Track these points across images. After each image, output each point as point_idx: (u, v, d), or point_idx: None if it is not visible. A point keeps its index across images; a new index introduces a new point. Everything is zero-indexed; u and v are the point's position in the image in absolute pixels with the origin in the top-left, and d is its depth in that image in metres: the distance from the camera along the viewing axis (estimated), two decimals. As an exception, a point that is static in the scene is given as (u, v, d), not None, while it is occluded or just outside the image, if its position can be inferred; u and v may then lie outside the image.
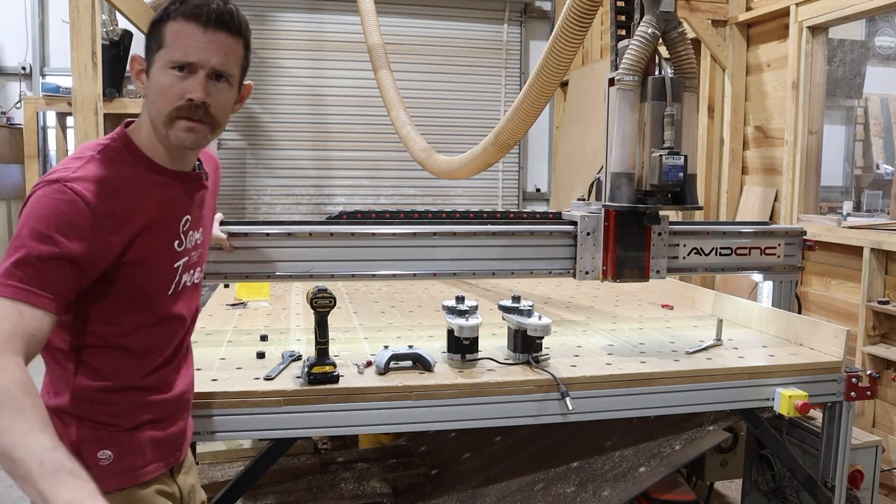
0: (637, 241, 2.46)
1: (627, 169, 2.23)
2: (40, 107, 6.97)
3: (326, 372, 1.95)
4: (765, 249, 2.79)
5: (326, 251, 2.40)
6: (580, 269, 2.51)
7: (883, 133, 7.24)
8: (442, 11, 8.36)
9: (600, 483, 2.51)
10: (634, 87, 2.19)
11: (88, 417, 1.49)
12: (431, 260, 2.49)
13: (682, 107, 2.20)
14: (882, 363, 4.06)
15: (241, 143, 8.11)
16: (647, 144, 2.22)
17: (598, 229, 2.48)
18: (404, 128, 5.66)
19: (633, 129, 2.22)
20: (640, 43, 2.17)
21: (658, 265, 2.53)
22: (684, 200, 2.23)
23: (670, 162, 2.13)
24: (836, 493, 2.33)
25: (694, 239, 2.67)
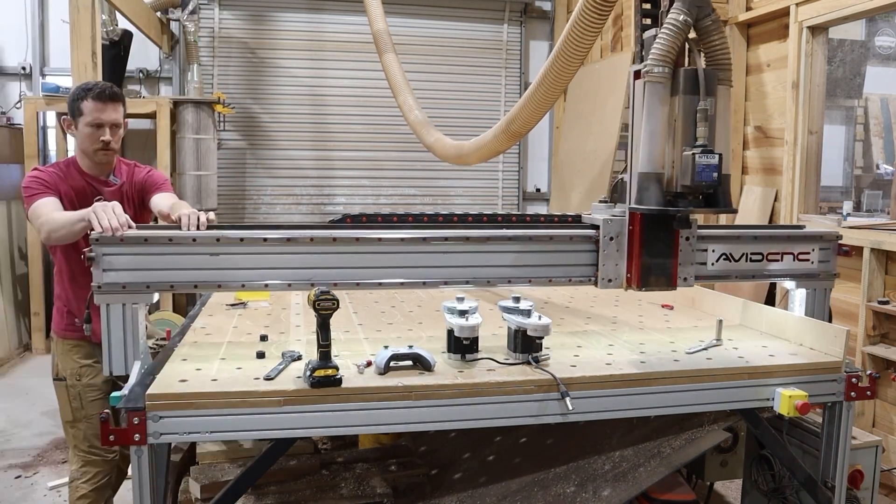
0: (664, 246, 2.26)
1: (656, 169, 2.03)
2: (40, 107, 6.97)
3: (329, 375, 1.95)
4: (798, 255, 2.60)
5: (329, 258, 2.23)
6: (602, 277, 2.33)
7: (883, 133, 7.25)
8: (442, 11, 8.37)
9: (600, 483, 2.51)
10: (664, 80, 2.00)
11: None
12: (442, 267, 2.30)
13: (715, 101, 2.00)
14: (882, 363, 4.06)
15: (241, 143, 8.11)
16: (678, 142, 2.02)
17: (622, 234, 2.29)
18: (412, 112, 5.54)
19: (663, 126, 2.02)
20: (670, 31, 1.98)
21: (686, 272, 2.34)
22: (717, 203, 2.04)
23: (704, 161, 1.94)
24: (836, 493, 2.33)
25: (723, 244, 2.48)
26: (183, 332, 2.60)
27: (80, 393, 2.97)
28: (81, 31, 4.71)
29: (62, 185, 2.83)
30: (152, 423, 1.87)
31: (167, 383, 1.97)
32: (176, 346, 2.39)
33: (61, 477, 4.18)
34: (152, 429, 1.87)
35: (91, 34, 4.73)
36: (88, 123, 2.79)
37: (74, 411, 2.98)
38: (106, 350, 2.15)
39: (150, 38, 7.21)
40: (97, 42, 4.81)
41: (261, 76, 8.08)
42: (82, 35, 4.71)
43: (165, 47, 7.72)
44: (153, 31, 7.19)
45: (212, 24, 7.86)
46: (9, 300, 6.93)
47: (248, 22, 8.04)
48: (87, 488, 3.00)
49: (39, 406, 5.42)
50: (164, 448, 1.99)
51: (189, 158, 7.04)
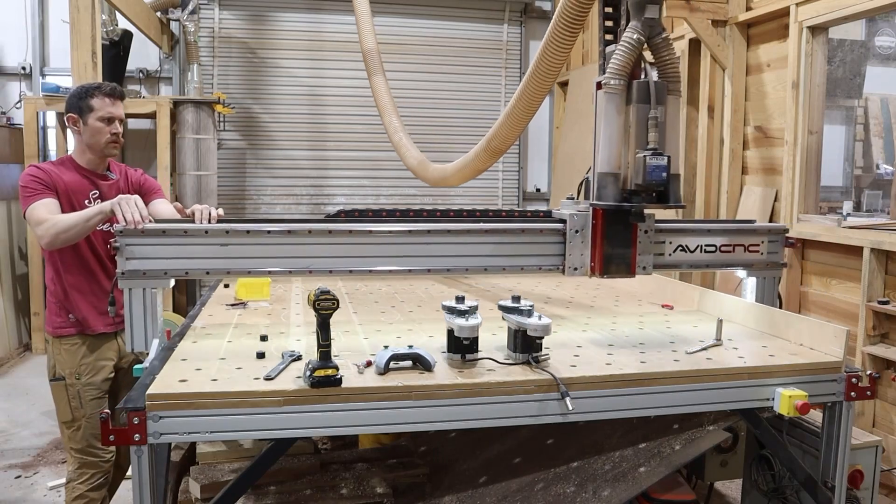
0: (623, 238, 2.52)
1: (613, 169, 2.29)
2: (40, 107, 6.97)
3: (329, 375, 1.95)
4: (748, 247, 2.87)
5: (325, 248, 2.50)
6: (569, 266, 2.59)
7: (883, 133, 7.25)
8: (442, 11, 8.37)
9: (600, 483, 2.51)
10: (620, 91, 2.25)
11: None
12: (426, 256, 2.57)
13: (665, 109, 2.26)
14: (882, 363, 4.07)
15: (241, 143, 8.11)
16: (632, 146, 2.27)
17: (586, 227, 2.55)
18: (396, 134, 5.70)
19: (619, 131, 2.27)
20: (625, 48, 2.24)
21: (644, 262, 2.60)
22: (668, 199, 2.28)
23: (654, 162, 2.19)
24: (836, 493, 2.33)
25: (679, 236, 2.75)
26: (183, 332, 2.60)
27: (79, 392, 2.97)
28: (81, 31, 4.71)
29: (58, 179, 2.92)
30: (152, 423, 1.87)
31: (167, 383, 1.97)
32: (176, 346, 2.39)
33: (61, 477, 4.18)
34: (152, 429, 1.87)
35: (91, 34, 4.72)
36: (100, 118, 2.96)
37: (74, 410, 2.98)
38: (128, 329, 2.42)
39: (150, 38, 7.21)
40: (97, 42, 4.81)
41: (261, 76, 8.08)
42: (82, 35, 4.71)
43: (165, 47, 7.72)
44: (153, 31, 7.19)
45: (212, 24, 7.86)
46: (9, 300, 6.93)
47: (248, 22, 8.05)
48: (83, 489, 3.00)
49: (39, 406, 5.42)
50: (164, 448, 1.99)
51: (189, 158, 7.04)
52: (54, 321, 3.02)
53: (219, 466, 3.04)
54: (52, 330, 3.02)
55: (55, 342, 3.01)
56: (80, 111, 2.97)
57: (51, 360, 3.03)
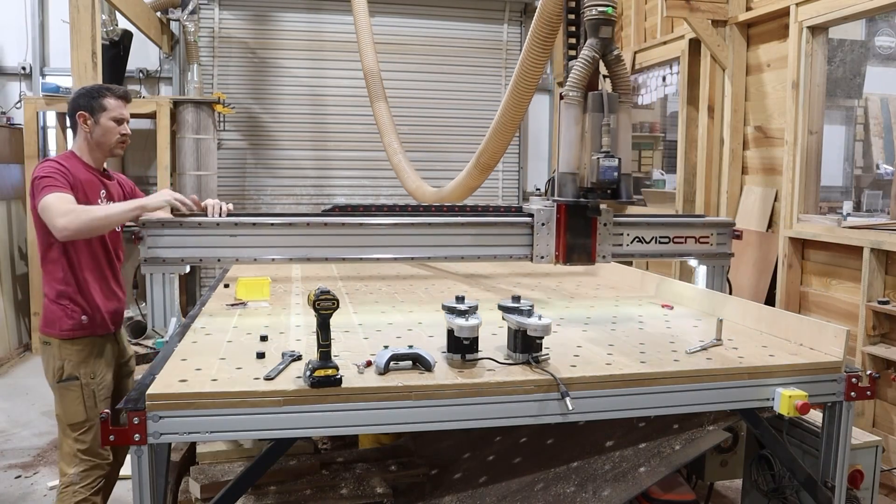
0: (584, 230, 2.85)
1: (572, 169, 2.58)
2: (40, 107, 6.97)
3: (329, 375, 1.95)
4: (699, 238, 3.21)
5: (321, 239, 2.90)
6: (536, 254, 2.94)
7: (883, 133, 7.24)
8: (442, 11, 8.37)
9: (600, 483, 2.51)
10: (578, 102, 2.55)
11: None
12: (410, 246, 2.97)
13: (617, 117, 2.55)
14: (882, 363, 4.07)
15: (242, 143, 8.11)
16: (587, 149, 2.56)
17: (551, 220, 2.88)
18: (396, 156, 5.95)
19: (577, 137, 2.57)
20: (582, 64, 2.53)
21: (604, 251, 2.99)
22: (619, 195, 2.55)
23: (606, 163, 2.48)
24: (836, 493, 2.33)
25: (636, 229, 3.10)
26: (183, 332, 2.60)
27: (94, 391, 2.95)
28: (81, 31, 4.71)
29: (76, 175, 2.94)
30: (152, 423, 1.87)
31: (167, 383, 1.97)
32: (176, 346, 2.39)
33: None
34: (152, 429, 1.87)
35: (91, 34, 4.73)
36: (113, 118, 3.02)
37: (88, 410, 2.92)
38: (150, 310, 2.86)
39: (150, 38, 7.21)
40: (97, 42, 4.81)
41: (261, 76, 8.08)
42: (82, 35, 4.71)
43: (165, 47, 7.72)
44: (153, 31, 7.19)
45: (212, 24, 7.86)
46: (9, 300, 6.93)
47: (248, 22, 8.05)
48: (86, 493, 2.92)
49: (39, 406, 5.42)
50: (164, 448, 1.99)
51: (189, 158, 7.04)
52: (64, 323, 2.93)
53: (219, 466, 3.04)
54: (60, 332, 2.93)
55: (63, 344, 2.93)
56: (91, 110, 3.00)
57: (55, 362, 2.94)
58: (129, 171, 7.87)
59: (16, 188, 7.16)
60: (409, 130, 8.35)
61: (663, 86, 6.79)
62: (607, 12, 2.51)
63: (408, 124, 8.37)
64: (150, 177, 7.81)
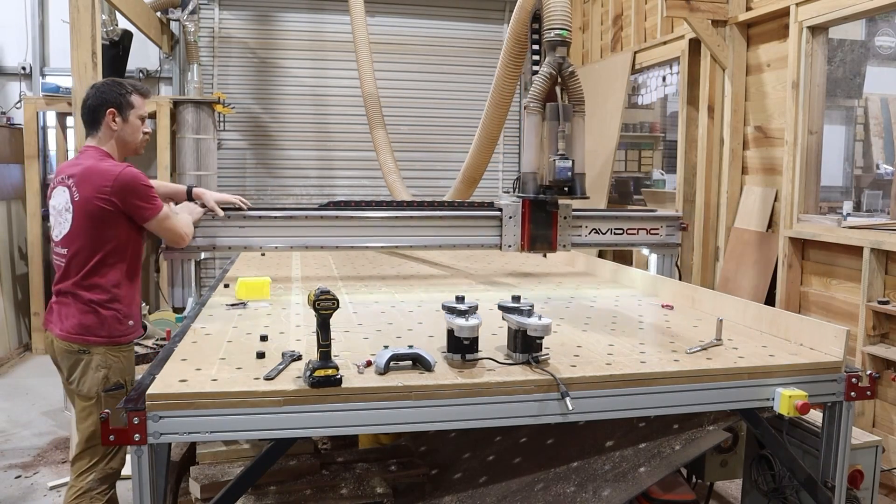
0: (546, 222, 3.30)
1: (533, 170, 2.96)
2: (40, 107, 6.97)
3: (329, 375, 1.95)
4: (650, 230, 3.65)
5: (318, 230, 3.43)
6: (504, 243, 3.43)
7: (883, 133, 7.24)
8: (442, 11, 8.37)
9: (600, 483, 2.51)
10: (538, 111, 2.92)
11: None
12: (395, 236, 3.48)
13: (572, 125, 2.91)
14: (882, 363, 4.07)
15: (242, 143, 8.12)
16: (546, 152, 2.93)
17: (517, 214, 3.36)
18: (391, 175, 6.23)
19: (538, 141, 2.95)
20: (541, 79, 2.90)
21: (564, 241, 3.44)
22: (574, 192, 2.94)
23: (561, 164, 2.86)
24: (836, 493, 2.33)
25: (593, 222, 3.57)
26: (183, 332, 2.60)
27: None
28: (81, 31, 4.70)
29: None
30: (152, 423, 1.87)
31: (167, 383, 1.97)
32: (176, 346, 2.39)
33: (61, 477, 4.18)
34: (152, 429, 1.87)
35: (91, 34, 4.72)
36: (140, 116, 3.00)
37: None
38: (169, 291, 3.42)
39: (150, 38, 7.21)
40: (97, 42, 4.80)
41: (261, 76, 8.08)
42: (82, 35, 4.70)
43: (165, 47, 7.72)
44: (153, 31, 7.19)
45: (212, 24, 7.86)
46: (9, 300, 6.93)
47: (248, 22, 8.05)
48: (102, 499, 2.85)
49: (39, 406, 5.43)
50: (164, 448, 1.99)
51: (189, 158, 7.04)
52: (115, 329, 2.84)
53: (219, 466, 3.04)
54: (108, 339, 2.83)
55: (109, 351, 2.83)
56: (120, 107, 2.89)
57: (97, 372, 2.81)
58: (129, 171, 7.88)
59: (16, 188, 7.16)
60: (409, 130, 8.36)
61: (663, 86, 6.79)
62: (562, 35, 2.87)
63: (408, 124, 8.37)
64: (150, 177, 7.80)
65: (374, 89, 6.37)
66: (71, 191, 2.78)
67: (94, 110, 2.89)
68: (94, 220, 2.74)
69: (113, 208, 2.74)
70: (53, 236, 2.88)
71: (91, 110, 2.89)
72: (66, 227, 2.79)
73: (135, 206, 2.78)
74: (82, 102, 2.95)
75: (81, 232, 2.76)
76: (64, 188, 2.81)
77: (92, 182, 2.73)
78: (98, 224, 2.75)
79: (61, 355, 2.85)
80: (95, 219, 2.74)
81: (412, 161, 8.21)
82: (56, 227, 2.86)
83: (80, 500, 2.83)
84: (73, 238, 2.78)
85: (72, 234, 2.78)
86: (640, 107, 8.24)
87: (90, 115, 2.90)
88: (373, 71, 6.39)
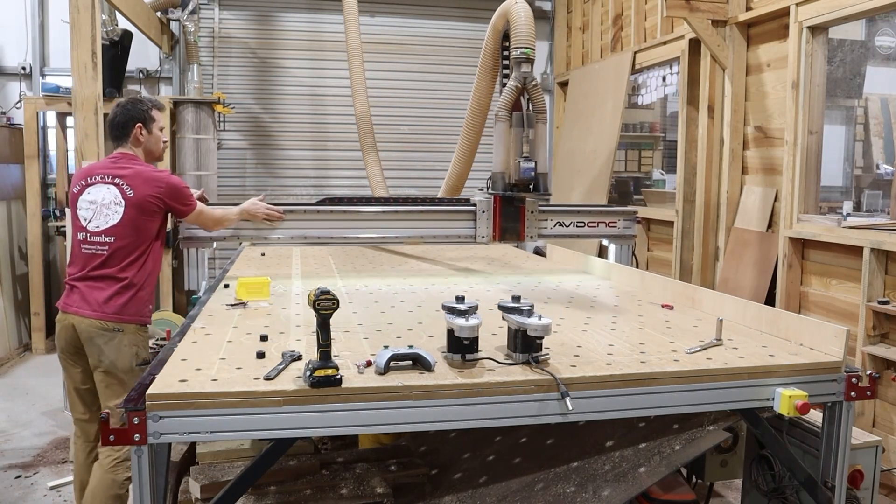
0: (514, 216, 3.75)
1: (502, 170, 3.36)
2: (40, 107, 6.97)
3: (329, 375, 1.94)
4: (608, 223, 4.06)
5: (314, 223, 3.78)
6: (479, 235, 3.84)
7: (883, 133, 7.24)
8: (441, 11, 8.37)
9: (600, 483, 2.51)
10: (506, 119, 3.33)
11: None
12: (381, 229, 3.87)
13: (535, 131, 3.32)
14: (882, 363, 4.07)
15: (242, 143, 8.12)
16: (513, 154, 3.32)
17: (489, 209, 3.78)
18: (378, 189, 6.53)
19: (506, 145, 3.34)
20: (508, 92, 3.33)
21: (531, 232, 3.86)
22: (538, 190, 3.35)
23: (525, 165, 3.25)
24: (836, 493, 2.33)
25: (558, 216, 3.97)
26: (183, 332, 2.60)
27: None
28: (81, 31, 4.70)
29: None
30: (152, 423, 1.86)
31: (167, 383, 1.97)
32: (176, 346, 2.39)
33: (61, 477, 4.18)
34: (152, 429, 1.87)
35: (91, 34, 4.71)
36: (161, 128, 3.47)
37: None
38: (186, 275, 3.88)
39: (150, 38, 7.21)
40: (97, 42, 4.80)
41: (261, 76, 8.08)
42: (82, 35, 4.70)
43: (165, 47, 7.72)
44: (153, 31, 7.19)
45: (212, 24, 7.86)
46: (9, 300, 6.93)
47: (248, 22, 8.05)
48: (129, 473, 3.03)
49: (39, 406, 5.43)
50: (164, 448, 1.99)
51: (189, 158, 7.04)
52: (144, 311, 3.30)
53: (219, 466, 3.04)
54: (140, 318, 3.26)
55: (139, 330, 3.26)
56: (145, 121, 3.37)
57: (130, 349, 3.19)
58: (129, 171, 7.88)
59: (16, 188, 7.16)
60: (409, 131, 8.36)
61: (663, 86, 6.79)
62: (527, 53, 3.28)
63: (408, 124, 8.38)
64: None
65: (367, 113, 6.55)
66: (122, 188, 3.22)
67: (123, 126, 3.35)
68: (145, 214, 3.23)
69: (160, 206, 3.26)
70: (90, 227, 3.21)
71: (120, 126, 3.35)
72: (114, 218, 3.20)
73: (177, 204, 3.33)
74: (110, 120, 3.39)
75: (130, 224, 3.20)
76: (110, 186, 3.24)
77: (146, 183, 3.23)
78: (146, 218, 3.24)
79: (93, 335, 3.15)
80: (146, 213, 3.23)
81: (412, 161, 8.21)
82: (96, 218, 3.21)
83: (117, 468, 3.13)
84: (120, 228, 3.20)
85: (121, 225, 3.20)
86: (640, 107, 8.24)
87: (120, 129, 3.35)
88: (366, 93, 6.52)
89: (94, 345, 3.15)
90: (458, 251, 5.13)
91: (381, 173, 6.53)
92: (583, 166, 7.28)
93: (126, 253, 3.19)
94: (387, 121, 8.19)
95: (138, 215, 3.20)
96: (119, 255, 3.19)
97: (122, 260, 3.19)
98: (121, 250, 3.19)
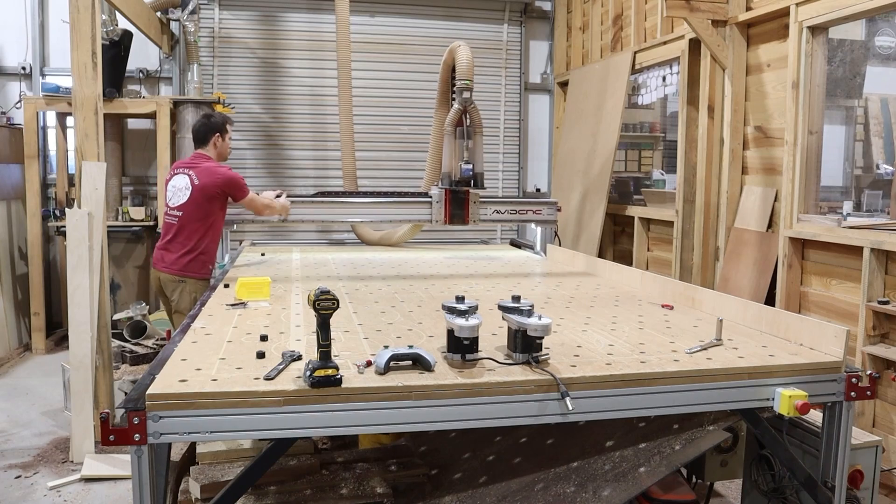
0: (460, 204, 4.75)
1: (449, 171, 4.61)
2: (40, 107, 6.96)
3: (329, 375, 1.95)
4: (535, 211, 5.14)
5: (309, 210, 4.88)
6: (434, 219, 4.77)
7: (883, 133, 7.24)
8: (442, 11, 8.37)
9: (600, 483, 2.51)
10: (451, 133, 4.52)
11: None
12: (361, 214, 4.98)
13: (473, 141, 4.53)
14: (882, 363, 4.06)
15: (242, 142, 8.10)
16: (456, 159, 4.54)
17: (441, 199, 4.74)
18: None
19: (451, 152, 4.57)
20: (453, 112, 4.55)
21: (474, 217, 4.81)
22: (476, 185, 4.63)
23: (465, 167, 4.52)
24: (836, 493, 2.33)
25: (495, 205, 4.98)
26: (183, 332, 2.60)
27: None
28: (81, 31, 4.70)
29: None
30: (152, 423, 1.87)
31: (167, 383, 1.97)
32: (176, 346, 2.39)
33: (61, 477, 4.18)
34: (152, 429, 1.87)
35: (91, 34, 4.71)
36: (231, 138, 4.60)
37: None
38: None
39: (150, 38, 7.20)
40: (97, 42, 4.79)
41: (261, 76, 8.08)
42: (82, 35, 4.70)
43: (165, 47, 7.72)
44: (153, 31, 7.19)
45: (212, 24, 7.86)
46: (9, 300, 6.93)
47: (248, 22, 8.04)
48: None
49: (39, 406, 5.42)
50: (164, 448, 1.99)
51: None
52: (203, 270, 4.32)
53: (219, 466, 3.04)
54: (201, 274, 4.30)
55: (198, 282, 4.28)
56: (221, 132, 4.52)
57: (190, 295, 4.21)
58: (130, 171, 7.88)
59: (16, 188, 7.15)
60: (409, 130, 8.36)
61: (663, 86, 6.78)
62: (466, 83, 4.49)
63: (408, 124, 8.37)
64: (151, 177, 7.81)
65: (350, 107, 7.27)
66: (191, 178, 4.30)
67: (205, 134, 4.49)
68: (206, 197, 4.27)
69: (218, 192, 4.30)
70: (170, 203, 4.37)
71: (203, 134, 4.49)
72: (183, 198, 4.29)
73: (234, 191, 4.34)
74: (194, 128, 4.56)
75: (194, 203, 4.27)
76: (185, 175, 4.35)
77: (209, 175, 4.30)
78: (207, 200, 4.27)
79: (167, 284, 4.33)
80: (207, 196, 4.27)
81: (412, 161, 8.19)
82: (174, 197, 4.35)
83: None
84: (187, 206, 4.27)
85: (188, 203, 4.27)
86: (640, 107, 8.23)
87: (202, 136, 4.48)
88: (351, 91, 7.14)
89: (166, 293, 4.34)
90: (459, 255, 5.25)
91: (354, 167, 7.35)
92: (583, 166, 7.28)
93: (191, 226, 4.26)
94: (385, 120, 8.20)
95: (201, 197, 4.24)
96: (187, 227, 4.27)
97: (188, 231, 4.26)
98: (188, 223, 4.26)
